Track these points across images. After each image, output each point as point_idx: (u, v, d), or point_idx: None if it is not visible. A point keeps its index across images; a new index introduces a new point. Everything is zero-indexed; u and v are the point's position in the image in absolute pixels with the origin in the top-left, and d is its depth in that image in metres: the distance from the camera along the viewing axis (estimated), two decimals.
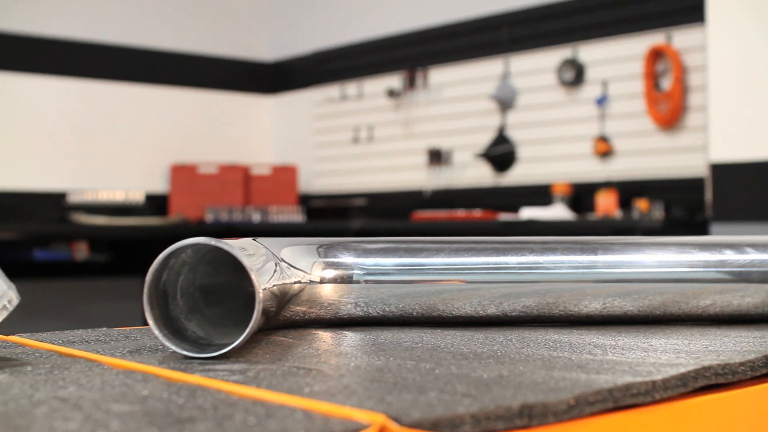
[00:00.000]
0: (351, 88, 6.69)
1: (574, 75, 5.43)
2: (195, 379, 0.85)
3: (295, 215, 6.40)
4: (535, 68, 5.66)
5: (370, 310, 1.26)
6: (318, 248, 1.23)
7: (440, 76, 6.15)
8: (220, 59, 6.98)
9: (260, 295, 0.98)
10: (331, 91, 6.81)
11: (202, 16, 6.93)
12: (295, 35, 7.19)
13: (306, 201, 6.82)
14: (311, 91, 6.99)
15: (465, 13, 6.00)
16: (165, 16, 6.76)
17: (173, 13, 6.79)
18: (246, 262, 0.97)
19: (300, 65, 7.10)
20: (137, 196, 6.32)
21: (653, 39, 5.12)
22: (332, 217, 6.46)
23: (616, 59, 5.31)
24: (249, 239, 1.14)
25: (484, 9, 5.89)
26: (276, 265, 1.11)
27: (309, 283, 1.20)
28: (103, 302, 6.20)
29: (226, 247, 0.98)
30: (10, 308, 0.98)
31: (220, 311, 1.12)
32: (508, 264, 1.27)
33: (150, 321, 0.98)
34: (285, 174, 6.77)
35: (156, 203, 6.45)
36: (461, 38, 6.03)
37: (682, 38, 5.02)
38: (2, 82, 6.01)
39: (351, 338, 1.17)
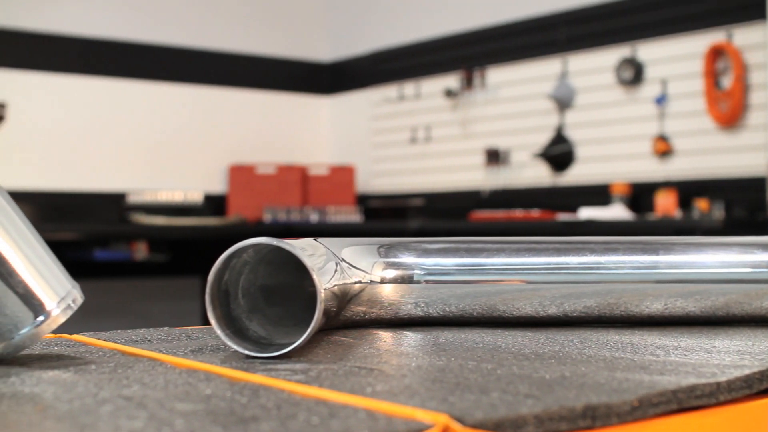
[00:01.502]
0: (409, 88, 6.68)
1: (633, 74, 5.39)
2: (257, 378, 0.85)
3: (352, 215, 6.41)
4: (593, 67, 5.63)
5: (430, 311, 1.25)
6: (378, 248, 1.23)
7: (498, 75, 6.13)
8: (279, 60, 7.01)
9: (322, 295, 0.98)
10: (389, 91, 6.81)
11: (261, 17, 6.96)
12: (353, 36, 7.20)
13: (364, 201, 6.82)
14: (369, 92, 7.00)
15: (522, 12, 5.98)
16: (225, 18, 6.79)
17: (232, 14, 6.83)
18: (308, 262, 0.97)
19: (358, 65, 7.11)
20: (196, 196, 6.36)
21: (713, 37, 5.07)
22: (390, 218, 6.46)
23: (676, 58, 5.26)
24: (310, 239, 1.14)
25: (541, 8, 5.87)
26: (337, 265, 1.11)
27: (369, 283, 1.20)
28: (162, 302, 6.25)
29: (287, 247, 0.98)
30: (75, 307, 0.99)
31: (281, 311, 1.12)
32: (569, 264, 1.26)
33: (212, 320, 0.99)
34: (343, 174, 6.78)
35: (214, 203, 6.49)
36: (519, 37, 6.01)
37: (742, 36, 4.97)
38: (65, 85, 6.07)
39: (411, 338, 1.17)
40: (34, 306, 0.95)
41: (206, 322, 1.03)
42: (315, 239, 1.16)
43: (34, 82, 5.96)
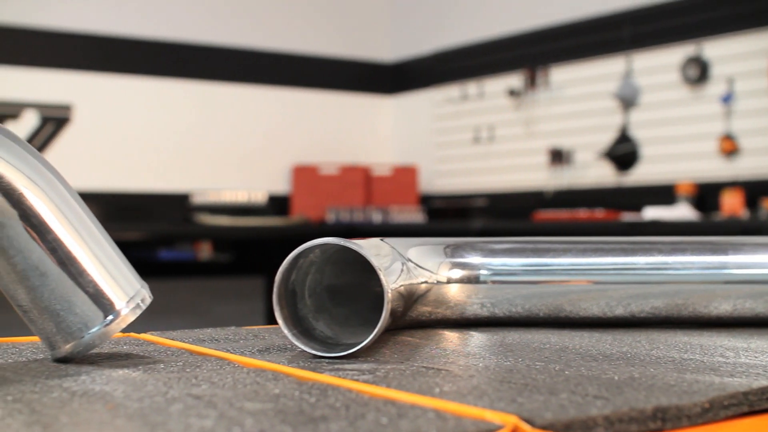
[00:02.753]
0: (471, 87, 6.67)
1: (699, 72, 5.34)
2: (325, 378, 0.85)
3: (415, 215, 6.41)
4: (658, 66, 5.58)
5: (496, 311, 1.25)
6: (445, 248, 1.23)
7: (561, 74, 6.10)
8: (343, 61, 7.03)
9: (389, 295, 0.98)
10: (452, 90, 6.81)
11: (324, 18, 6.99)
12: (415, 36, 7.20)
13: (426, 201, 6.82)
14: (432, 91, 6.99)
15: (586, 11, 5.95)
16: (288, 19, 6.82)
17: (295, 15, 6.85)
18: (375, 262, 0.97)
19: (420, 65, 7.11)
20: (260, 196, 6.39)
21: None
22: (452, 218, 6.45)
23: (742, 55, 5.20)
24: (376, 239, 1.14)
25: (605, 6, 5.83)
26: (403, 265, 1.11)
27: (436, 284, 1.20)
28: (226, 301, 6.29)
29: (354, 247, 0.98)
30: (144, 307, 0.99)
31: (347, 311, 1.12)
32: (636, 264, 1.25)
33: (279, 320, 0.99)
34: (405, 174, 6.79)
35: (278, 204, 6.51)
36: (582, 36, 5.97)
37: None
38: (131, 86, 6.13)
39: (478, 339, 1.17)
40: (104, 305, 0.96)
41: (270, 322, 1.04)
42: (381, 239, 1.16)
43: (100, 83, 6.02)
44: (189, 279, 6.23)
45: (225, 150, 6.48)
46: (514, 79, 6.34)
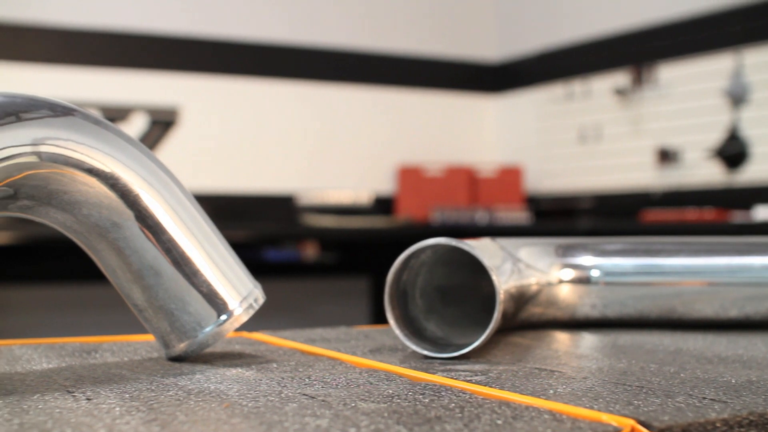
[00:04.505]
0: (577, 86, 6.62)
1: None
2: (438, 378, 0.85)
3: (521, 216, 6.38)
4: None
5: (608, 312, 1.24)
6: (556, 249, 1.22)
7: (669, 72, 6.02)
8: (447, 60, 7.02)
9: (501, 296, 0.97)
10: (557, 89, 6.76)
11: (428, 18, 6.99)
12: (519, 34, 7.17)
13: (532, 201, 6.78)
14: (536, 90, 6.95)
15: (694, 6, 5.86)
16: (391, 19, 6.84)
17: (398, 15, 6.87)
18: (487, 262, 0.97)
19: (525, 64, 7.07)
20: (365, 197, 6.41)
21: None
22: (558, 218, 6.41)
23: None
24: (487, 239, 1.14)
25: (714, 1, 5.74)
26: (514, 266, 1.11)
27: (547, 284, 1.19)
28: (330, 302, 6.32)
29: (466, 248, 0.98)
30: (257, 307, 1.00)
31: (457, 311, 1.12)
32: (751, 265, 1.23)
33: (391, 321, 0.99)
34: (511, 174, 6.76)
35: (383, 204, 6.53)
36: (690, 32, 5.88)
37: None
38: (237, 88, 6.20)
39: (589, 340, 1.16)
40: (218, 305, 0.97)
41: (374, 323, 1.04)
42: (492, 239, 1.15)
43: (206, 85, 6.10)
44: (294, 279, 6.27)
45: (330, 150, 6.52)
46: (621, 77, 6.27)
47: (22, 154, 0.86)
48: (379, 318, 5.45)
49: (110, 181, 0.92)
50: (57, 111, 0.90)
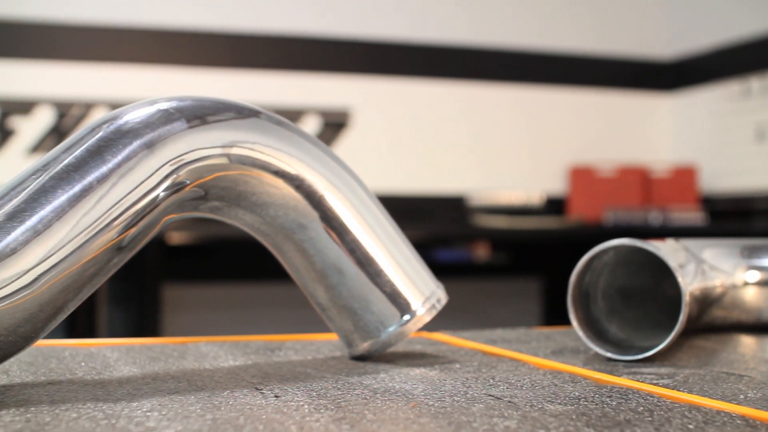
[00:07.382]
0: (754, 82, 6.46)
1: None
2: (624, 381, 0.84)
3: (695, 216, 6.25)
4: None
5: None
6: (741, 250, 1.20)
7: None
8: (617, 58, 6.93)
9: (687, 297, 0.96)
10: (732, 86, 6.61)
11: (597, 15, 6.91)
12: (692, 30, 7.03)
13: (707, 202, 6.64)
14: (711, 88, 6.81)
15: None
16: (559, 18, 6.79)
17: (567, 13, 6.81)
18: (672, 263, 0.96)
19: (699, 61, 6.93)
20: (536, 197, 6.37)
21: None
22: (735, 219, 6.26)
23: None
24: (670, 240, 1.12)
25: None
26: (698, 267, 1.09)
27: (731, 287, 1.17)
28: (501, 302, 6.31)
29: (650, 249, 0.97)
30: (439, 307, 1.01)
31: (638, 313, 1.11)
32: None
33: (574, 322, 0.99)
34: (685, 175, 6.63)
35: (554, 205, 6.48)
36: None
37: None
38: (406, 89, 6.24)
39: None
40: (401, 305, 0.98)
41: (546, 323, 1.03)
42: (675, 239, 1.14)
43: (376, 87, 6.15)
44: (464, 279, 6.27)
45: (501, 151, 6.50)
46: None
47: (212, 156, 0.88)
48: (552, 319, 5.41)
49: (296, 183, 0.94)
50: (243, 113, 0.92)
